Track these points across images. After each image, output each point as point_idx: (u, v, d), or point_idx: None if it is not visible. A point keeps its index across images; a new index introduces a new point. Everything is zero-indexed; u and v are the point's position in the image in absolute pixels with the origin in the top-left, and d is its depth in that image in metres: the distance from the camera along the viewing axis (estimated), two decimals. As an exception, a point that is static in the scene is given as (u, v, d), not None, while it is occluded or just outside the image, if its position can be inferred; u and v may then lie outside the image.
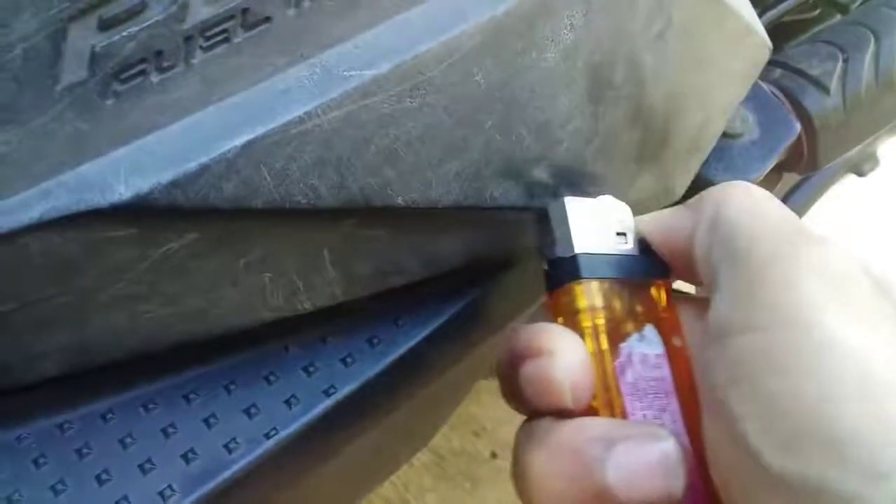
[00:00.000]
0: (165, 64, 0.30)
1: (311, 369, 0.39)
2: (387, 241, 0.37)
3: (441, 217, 0.37)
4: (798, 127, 0.52)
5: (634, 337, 0.35)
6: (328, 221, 0.35)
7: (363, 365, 0.40)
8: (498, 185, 0.37)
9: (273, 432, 0.37)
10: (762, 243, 0.31)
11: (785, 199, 0.86)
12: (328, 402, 0.38)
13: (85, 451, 0.36)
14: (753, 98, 0.51)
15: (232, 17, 0.30)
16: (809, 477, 0.26)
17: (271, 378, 0.39)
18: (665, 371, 0.35)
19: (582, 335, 0.34)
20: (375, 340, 0.40)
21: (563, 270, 0.35)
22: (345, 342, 0.40)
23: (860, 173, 0.97)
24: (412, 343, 0.41)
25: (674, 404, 0.34)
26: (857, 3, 0.80)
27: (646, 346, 0.35)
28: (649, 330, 0.35)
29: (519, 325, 0.36)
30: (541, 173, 0.38)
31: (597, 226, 0.36)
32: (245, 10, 0.30)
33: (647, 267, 0.37)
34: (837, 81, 0.54)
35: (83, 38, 0.28)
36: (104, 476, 0.36)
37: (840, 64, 0.55)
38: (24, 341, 0.33)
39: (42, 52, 0.28)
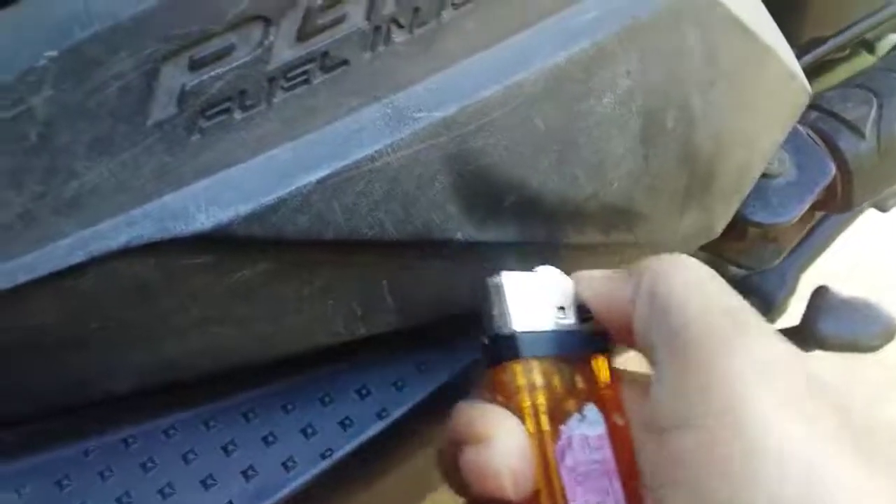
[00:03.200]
0: (249, 102, 0.31)
1: (365, 392, 0.41)
2: (443, 273, 0.39)
3: (495, 250, 0.38)
4: (833, 169, 0.54)
5: (575, 418, 0.34)
6: (390, 253, 0.36)
7: (413, 389, 0.41)
8: (550, 222, 0.38)
9: (328, 453, 0.39)
10: (698, 327, 0.30)
11: (810, 234, 0.87)
12: (381, 425, 0.40)
13: (149, 465, 0.38)
14: (791, 140, 0.53)
15: (313, 59, 0.32)
16: None
17: (326, 400, 0.40)
18: (607, 452, 0.34)
19: (522, 416, 0.33)
20: (424, 366, 0.42)
21: (501, 348, 0.35)
22: (396, 366, 0.42)
23: (883, 209, 0.99)
24: (460, 369, 0.42)
25: (616, 486, 0.33)
26: (883, 41, 0.81)
27: (587, 427, 0.34)
28: (590, 409, 0.34)
29: (459, 405, 0.34)
30: (592, 211, 0.39)
31: (536, 301, 0.35)
32: (325, 54, 0.32)
33: (588, 340, 0.36)
34: (872, 125, 0.55)
35: (174, 77, 0.30)
36: (168, 490, 0.37)
37: (874, 109, 0.56)
38: (102, 360, 0.35)
39: (136, 89, 0.29)
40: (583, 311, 0.36)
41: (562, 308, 0.36)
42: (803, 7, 0.65)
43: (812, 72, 0.70)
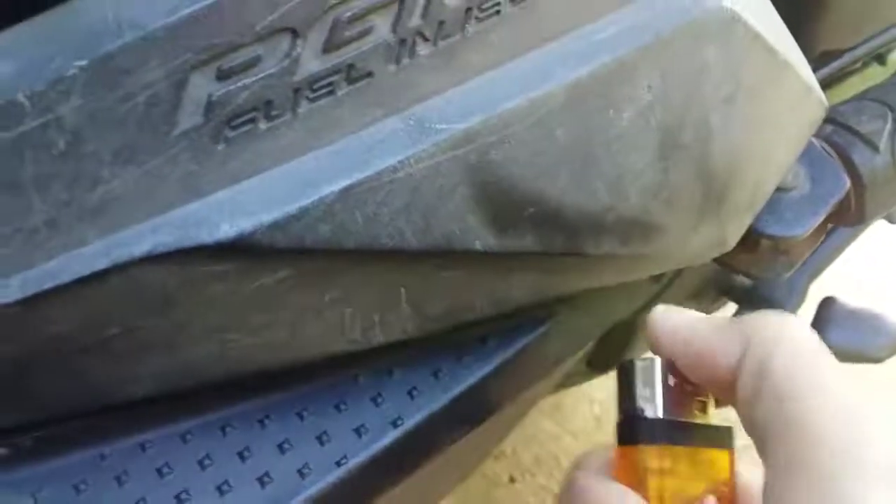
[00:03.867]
0: (274, 113, 0.31)
1: (380, 400, 0.41)
2: (460, 281, 0.39)
3: (513, 260, 0.39)
4: (847, 182, 0.54)
5: None
6: (409, 262, 0.36)
7: (428, 397, 0.41)
8: (569, 233, 0.38)
9: (343, 460, 0.39)
10: (815, 431, 0.29)
11: (822, 242, 0.87)
12: (395, 433, 0.40)
13: (165, 470, 0.38)
14: (805, 153, 0.53)
15: (338, 71, 0.32)
16: None
17: (342, 407, 0.40)
18: None
19: (647, 498, 0.34)
20: (440, 374, 0.42)
21: (639, 429, 0.36)
22: (411, 374, 0.42)
23: (892, 220, 0.99)
24: (474, 379, 0.42)
25: None
26: (893, 52, 0.81)
27: None
28: (710, 502, 0.35)
29: (581, 478, 0.36)
30: (610, 223, 0.39)
31: (679, 390, 0.36)
32: (350, 66, 0.32)
33: (716, 435, 0.37)
34: (887, 139, 0.55)
35: (201, 87, 0.30)
36: (184, 496, 0.37)
37: (889, 123, 0.56)
38: (121, 365, 0.35)
39: (163, 98, 0.30)
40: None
41: (701, 401, 0.37)
42: (818, 20, 0.65)
43: (824, 84, 0.70)
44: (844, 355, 0.85)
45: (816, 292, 0.88)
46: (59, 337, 0.32)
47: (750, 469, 0.37)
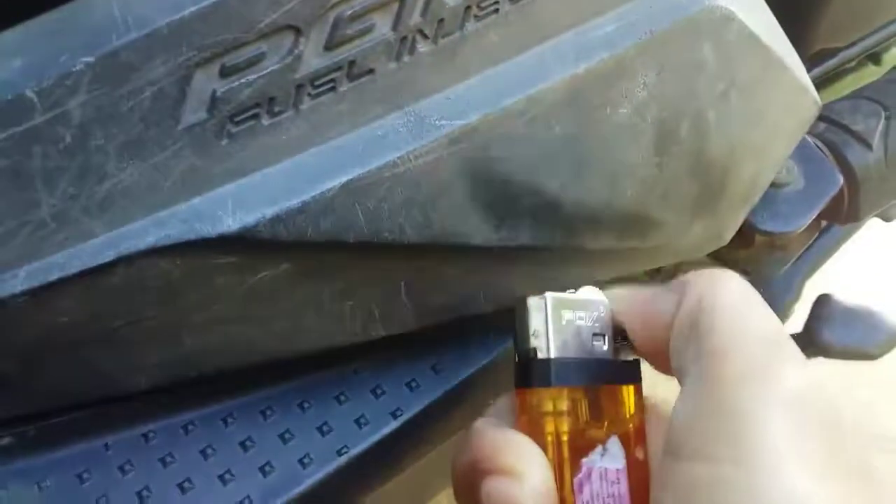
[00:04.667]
0: (277, 109, 0.32)
1: (379, 392, 0.42)
2: (460, 276, 0.39)
3: (512, 255, 0.39)
4: (841, 179, 0.55)
5: (597, 451, 0.34)
6: (409, 257, 0.37)
7: (427, 390, 0.42)
8: (566, 227, 0.39)
9: (344, 450, 0.39)
10: (730, 355, 0.29)
11: (817, 239, 0.88)
12: (395, 424, 0.41)
13: (168, 459, 0.39)
14: (799, 150, 0.54)
15: (340, 68, 0.32)
16: None
17: (342, 398, 0.41)
18: (623, 486, 0.34)
19: (544, 443, 0.33)
20: (438, 367, 0.43)
21: (534, 372, 0.34)
22: (410, 367, 0.42)
23: (887, 218, 1.00)
24: (473, 371, 0.43)
25: None
26: (889, 52, 0.82)
27: (607, 461, 0.34)
28: (613, 443, 0.35)
29: (481, 427, 0.34)
30: (607, 218, 0.40)
31: (574, 326, 0.35)
32: (352, 63, 0.32)
33: (620, 370, 0.36)
34: (880, 137, 0.56)
35: (206, 83, 0.31)
36: (186, 485, 0.38)
37: (882, 121, 0.57)
38: (126, 355, 0.36)
39: (168, 94, 0.30)
40: (619, 333, 0.36)
41: (599, 335, 0.36)
42: (813, 19, 0.66)
43: (819, 83, 0.71)
44: (840, 352, 0.86)
45: (811, 290, 0.89)
46: (65, 328, 0.33)
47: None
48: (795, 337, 0.86)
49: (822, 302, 0.85)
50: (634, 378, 0.36)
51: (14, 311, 0.31)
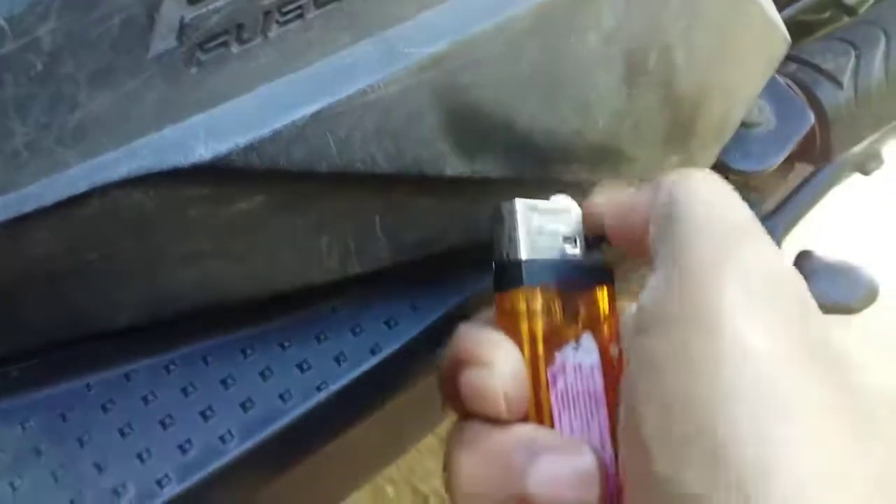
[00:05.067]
0: (245, 36, 0.32)
1: (358, 330, 0.42)
2: (433, 209, 0.40)
3: (484, 187, 0.39)
4: (812, 118, 0.55)
5: (570, 345, 0.35)
6: (382, 188, 0.37)
7: (405, 327, 0.42)
8: (538, 158, 0.40)
9: (324, 385, 0.40)
10: (699, 237, 0.30)
11: (794, 193, 0.89)
12: (374, 360, 0.41)
13: (150, 398, 0.39)
14: (770, 90, 0.54)
15: (307, -6, 0.33)
16: (690, 490, 0.26)
17: (321, 337, 0.41)
18: (597, 381, 0.35)
19: (520, 341, 0.34)
20: (415, 305, 0.43)
21: (506, 274, 0.35)
22: (388, 305, 0.43)
23: (865, 172, 1.00)
24: (450, 307, 0.43)
25: (602, 415, 0.35)
26: (866, 5, 0.83)
27: (582, 356, 0.35)
28: (587, 338, 0.35)
29: (462, 327, 0.36)
30: (579, 149, 0.40)
31: (545, 231, 0.36)
32: (319, -11, 0.33)
33: (594, 271, 0.37)
34: (850, 76, 0.57)
35: (174, 11, 0.31)
36: (168, 421, 0.38)
37: (852, 60, 0.57)
38: (103, 291, 0.36)
39: (137, 22, 0.30)
40: (593, 239, 0.37)
41: (571, 238, 0.37)
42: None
43: (792, 33, 0.71)
44: (822, 307, 0.86)
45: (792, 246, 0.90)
46: (42, 260, 0.33)
47: None
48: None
49: (803, 258, 0.86)
50: (606, 280, 0.37)
51: (-10, 243, 0.32)
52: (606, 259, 0.38)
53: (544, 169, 0.40)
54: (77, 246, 0.34)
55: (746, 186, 0.55)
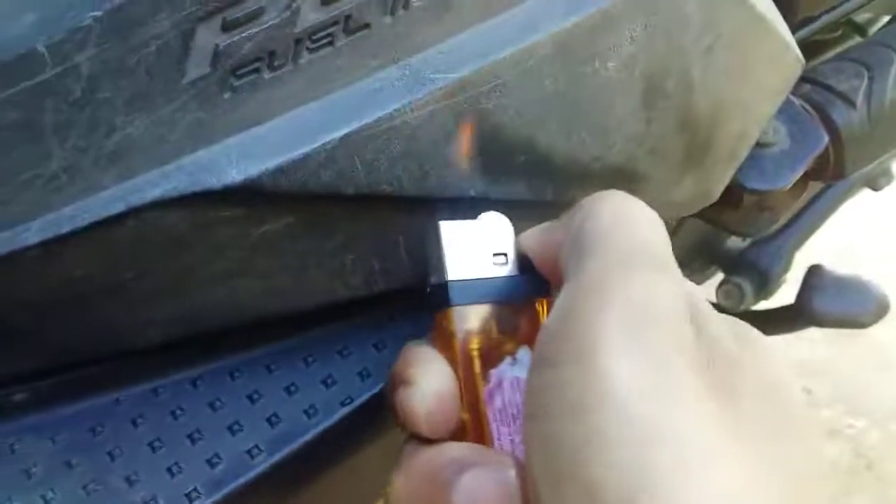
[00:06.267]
0: (277, 63, 0.33)
1: (381, 346, 0.43)
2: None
3: (505, 208, 0.40)
4: (826, 138, 0.56)
5: (507, 361, 0.35)
6: (406, 209, 0.38)
7: (427, 343, 0.43)
8: (557, 181, 0.40)
9: (348, 400, 0.41)
10: (594, 264, 0.30)
11: (805, 209, 0.89)
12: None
13: (178, 412, 0.40)
14: (785, 110, 0.55)
15: (336, 22, 0.34)
16: None
17: (345, 353, 0.42)
18: None
19: (454, 360, 0.35)
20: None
21: (438, 295, 0.36)
22: (409, 322, 0.44)
23: (875, 188, 1.01)
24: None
25: None
26: (876, 26, 0.84)
27: (518, 370, 0.35)
28: (523, 353, 0.35)
29: (405, 346, 0.37)
30: (596, 172, 0.41)
31: (473, 250, 0.36)
32: (348, 17, 0.34)
33: (527, 286, 0.37)
34: (863, 97, 0.58)
35: (208, 38, 0.32)
36: (196, 435, 0.39)
37: (865, 81, 0.58)
38: (135, 309, 0.37)
39: (173, 49, 0.31)
40: (524, 259, 0.37)
41: (502, 255, 0.37)
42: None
43: (805, 52, 0.72)
44: (831, 321, 0.87)
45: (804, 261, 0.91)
46: (77, 280, 0.34)
47: None
48: (788, 307, 0.88)
49: (814, 273, 0.87)
50: (542, 293, 0.37)
51: (27, 263, 0.32)
52: None
53: (563, 191, 0.41)
54: (112, 266, 0.34)
55: (760, 206, 0.56)
